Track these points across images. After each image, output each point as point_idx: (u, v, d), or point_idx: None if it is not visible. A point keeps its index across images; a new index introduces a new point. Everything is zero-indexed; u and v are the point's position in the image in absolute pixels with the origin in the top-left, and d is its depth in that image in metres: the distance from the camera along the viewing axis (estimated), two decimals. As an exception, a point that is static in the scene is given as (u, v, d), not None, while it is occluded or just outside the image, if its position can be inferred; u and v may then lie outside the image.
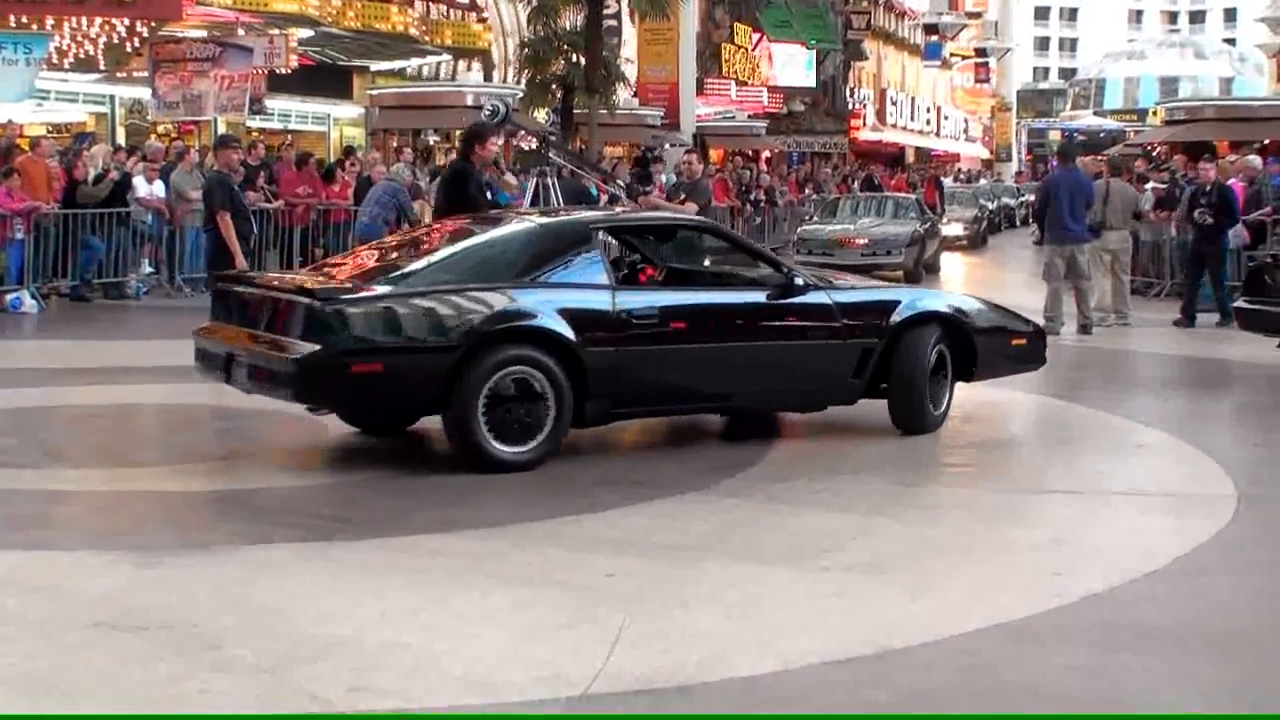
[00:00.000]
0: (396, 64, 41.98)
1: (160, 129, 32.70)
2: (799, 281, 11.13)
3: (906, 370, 11.36)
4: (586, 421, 10.22)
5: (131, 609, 6.54)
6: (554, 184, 16.13)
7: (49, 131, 30.08)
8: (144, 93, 32.31)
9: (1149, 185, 25.26)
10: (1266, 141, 39.02)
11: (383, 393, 9.84)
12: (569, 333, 9.97)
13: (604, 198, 25.61)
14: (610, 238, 11.53)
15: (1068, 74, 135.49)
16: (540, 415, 9.85)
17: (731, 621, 6.52)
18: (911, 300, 11.78)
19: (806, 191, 40.39)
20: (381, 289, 9.84)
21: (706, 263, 12.81)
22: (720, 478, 9.72)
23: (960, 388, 12.01)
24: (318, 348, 9.40)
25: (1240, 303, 15.14)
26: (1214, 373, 15.71)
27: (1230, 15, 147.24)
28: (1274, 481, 10.06)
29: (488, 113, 16.31)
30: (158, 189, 22.73)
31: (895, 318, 11.37)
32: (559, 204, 16.05)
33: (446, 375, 9.61)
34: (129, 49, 30.99)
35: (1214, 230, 20.54)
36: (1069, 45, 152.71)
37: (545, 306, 10.02)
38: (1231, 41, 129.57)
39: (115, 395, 13.21)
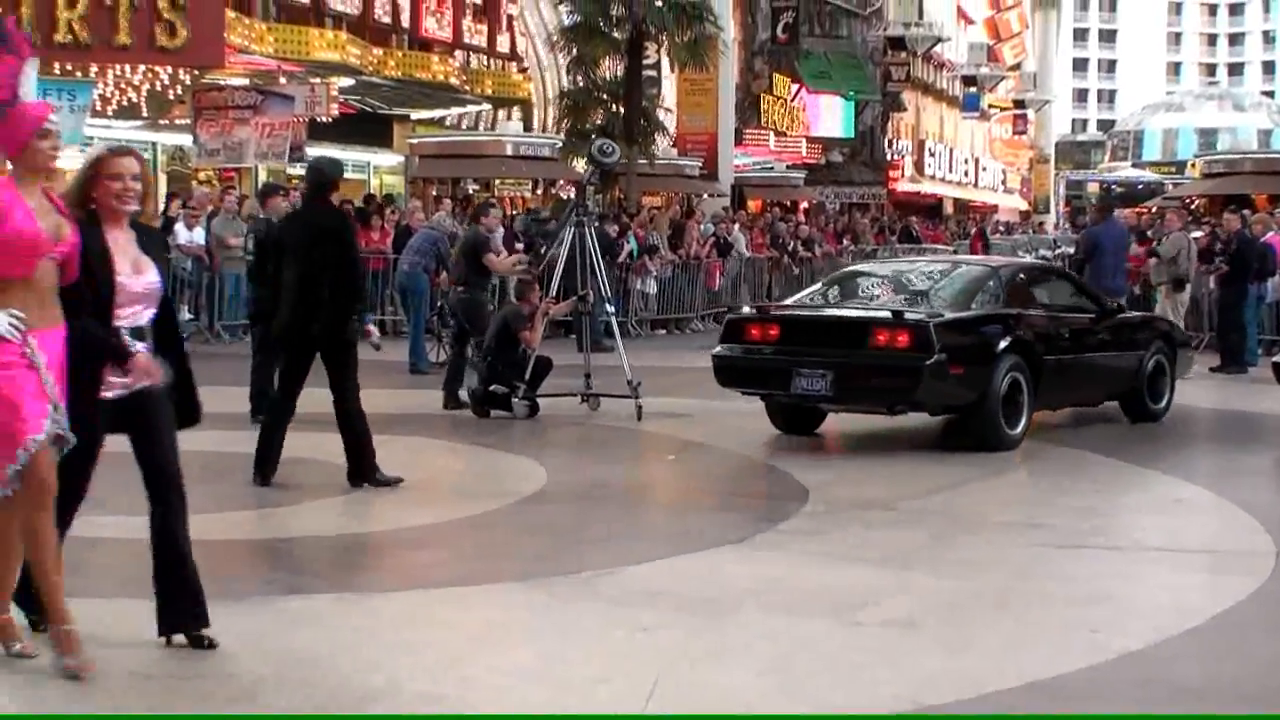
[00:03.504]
0: (436, 113, 42.23)
1: (202, 175, 32.93)
2: (1114, 307, 15.29)
3: (1145, 373, 14.93)
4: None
5: (167, 659, 6.56)
6: (591, 233, 16.09)
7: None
8: (186, 140, 32.58)
9: (1192, 237, 25.16)
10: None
11: (957, 390, 12.92)
12: (1039, 345, 13.48)
13: (625, 248, 25.77)
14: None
15: (1106, 126, 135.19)
16: (1020, 407, 13.14)
17: (766, 676, 6.51)
18: (1152, 319, 16.78)
19: (844, 242, 40.35)
20: (948, 314, 13.15)
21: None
22: (756, 530, 9.71)
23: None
24: (940, 355, 12.51)
25: (1279, 357, 15.07)
26: (1252, 427, 15.62)
27: (1269, 68, 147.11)
28: (1313, 538, 9.98)
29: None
30: (198, 235, 22.86)
31: (1149, 333, 15.43)
32: (596, 253, 16.02)
33: (986, 376, 12.82)
34: (171, 96, 31.28)
35: (1230, 279, 20.69)
36: (1107, 97, 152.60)
37: (1024, 326, 13.51)
38: (1270, 94, 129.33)
39: (154, 442, 13.24)
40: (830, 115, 63.69)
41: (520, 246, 22.68)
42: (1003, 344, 13.12)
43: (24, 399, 6.11)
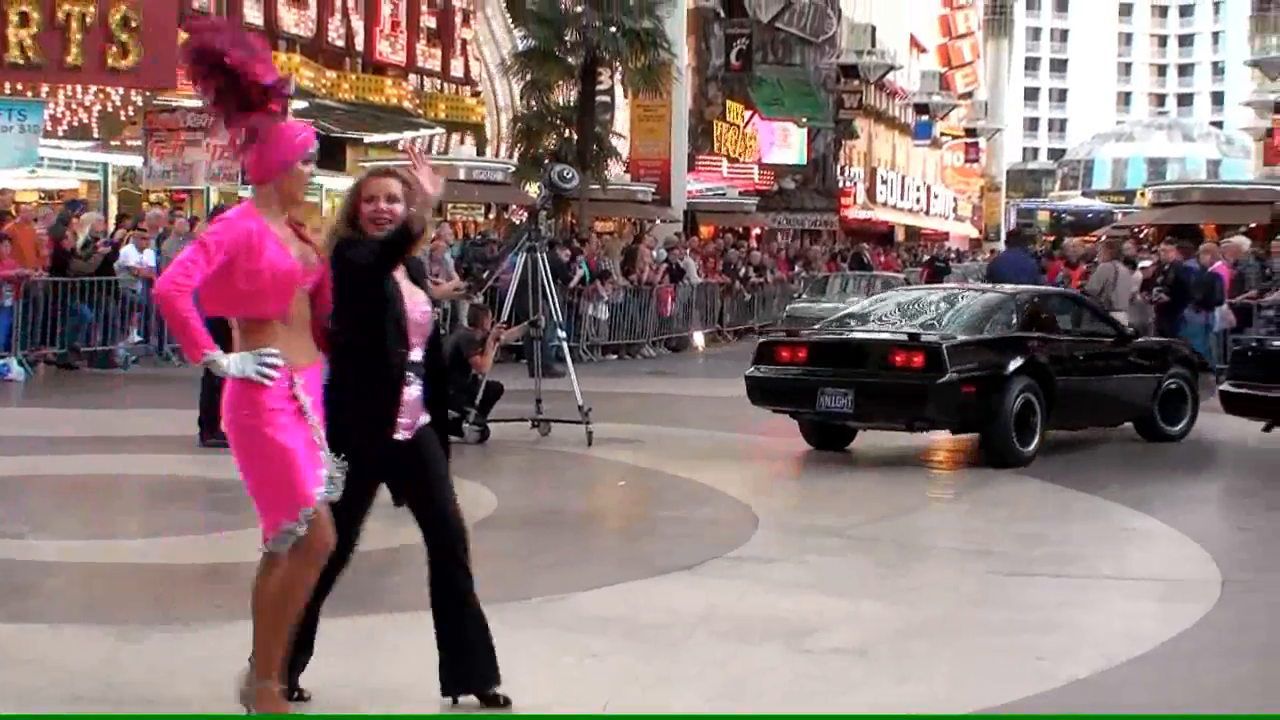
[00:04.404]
0: (389, 136, 42.13)
1: (154, 197, 32.75)
2: (1132, 333, 16.54)
3: (1159, 396, 15.81)
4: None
5: (113, 684, 6.51)
6: (543, 258, 16.06)
7: (41, 198, 30.16)
8: (137, 161, 32.39)
9: (1140, 266, 25.37)
10: (1253, 225, 39.30)
11: (968, 408, 13.77)
12: (1050, 366, 14.28)
13: (577, 273, 25.77)
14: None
15: (1057, 154, 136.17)
16: (1033, 425, 13.94)
17: (716, 703, 6.50)
18: (1171, 345, 17.22)
19: (796, 269, 40.48)
20: (961, 337, 14.03)
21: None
22: (708, 557, 9.70)
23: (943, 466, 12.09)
24: (951, 375, 13.47)
25: (1226, 386, 15.15)
26: (1200, 455, 15.69)
27: (1218, 99, 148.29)
28: (1258, 566, 10.06)
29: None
30: (148, 257, 22.72)
31: (1167, 358, 16.17)
32: (547, 278, 15.99)
33: (999, 396, 13.65)
34: (123, 117, 31.10)
35: (1170, 308, 20.89)
36: (1058, 126, 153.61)
37: (1038, 349, 14.40)
38: (1219, 124, 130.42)
39: (102, 465, 13.18)
40: (783, 142, 63.86)
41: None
42: (1014, 366, 13.95)
43: (299, 452, 5.70)
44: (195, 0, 31.92)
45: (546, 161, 33.29)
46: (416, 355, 6.10)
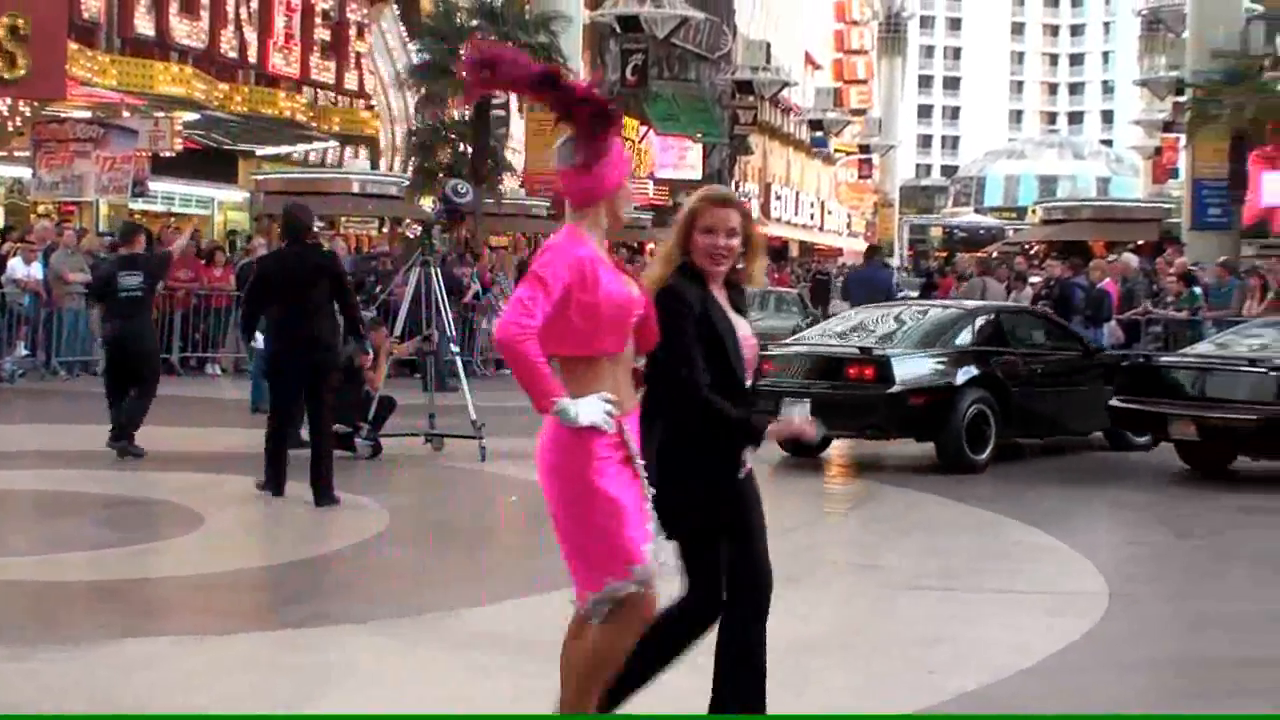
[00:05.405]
0: (283, 149, 41.90)
1: (41, 208, 32.36)
2: (1094, 347, 17.31)
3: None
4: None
5: (2, 704, 6.41)
6: (437, 273, 15.95)
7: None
8: (25, 172, 32.00)
9: (1030, 282, 25.67)
10: (1141, 242, 39.90)
11: (918, 418, 14.80)
12: (1006, 379, 15.17)
13: (471, 289, 25.71)
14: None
15: (949, 171, 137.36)
16: (987, 434, 14.89)
17: (608, 719, 6.48)
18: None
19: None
20: (914, 351, 15.11)
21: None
22: (600, 572, 9.68)
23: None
24: (899, 386, 14.54)
25: (1114, 401, 15.32)
26: (1088, 470, 15.86)
27: (1107, 117, 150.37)
28: (1145, 579, 10.20)
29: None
30: (35, 270, 22.44)
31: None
32: (441, 293, 15.89)
33: (948, 406, 14.61)
34: (10, 128, 30.72)
35: None
36: (951, 143, 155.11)
37: (992, 361, 15.29)
38: (1109, 143, 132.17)
39: (-13, 481, 12.98)
40: (680, 160, 63.99)
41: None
42: (965, 378, 14.94)
43: (629, 505, 5.30)
44: (85, 11, 31.62)
45: (441, 175, 33.25)
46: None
